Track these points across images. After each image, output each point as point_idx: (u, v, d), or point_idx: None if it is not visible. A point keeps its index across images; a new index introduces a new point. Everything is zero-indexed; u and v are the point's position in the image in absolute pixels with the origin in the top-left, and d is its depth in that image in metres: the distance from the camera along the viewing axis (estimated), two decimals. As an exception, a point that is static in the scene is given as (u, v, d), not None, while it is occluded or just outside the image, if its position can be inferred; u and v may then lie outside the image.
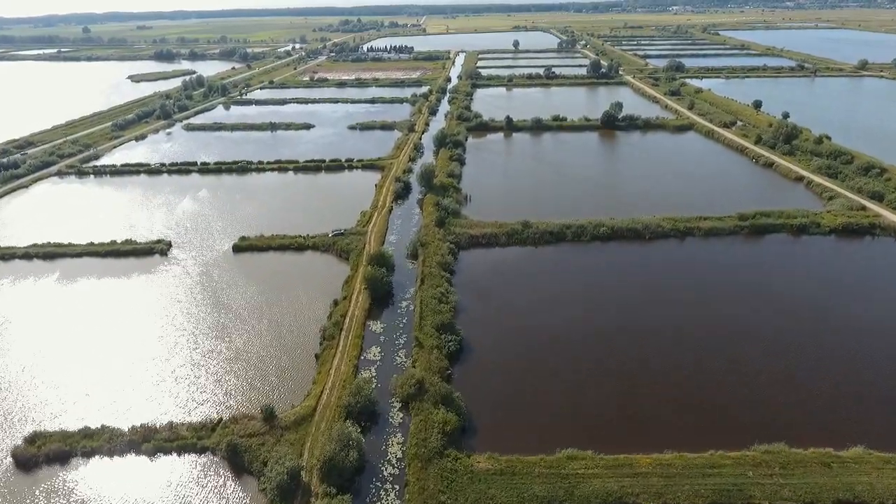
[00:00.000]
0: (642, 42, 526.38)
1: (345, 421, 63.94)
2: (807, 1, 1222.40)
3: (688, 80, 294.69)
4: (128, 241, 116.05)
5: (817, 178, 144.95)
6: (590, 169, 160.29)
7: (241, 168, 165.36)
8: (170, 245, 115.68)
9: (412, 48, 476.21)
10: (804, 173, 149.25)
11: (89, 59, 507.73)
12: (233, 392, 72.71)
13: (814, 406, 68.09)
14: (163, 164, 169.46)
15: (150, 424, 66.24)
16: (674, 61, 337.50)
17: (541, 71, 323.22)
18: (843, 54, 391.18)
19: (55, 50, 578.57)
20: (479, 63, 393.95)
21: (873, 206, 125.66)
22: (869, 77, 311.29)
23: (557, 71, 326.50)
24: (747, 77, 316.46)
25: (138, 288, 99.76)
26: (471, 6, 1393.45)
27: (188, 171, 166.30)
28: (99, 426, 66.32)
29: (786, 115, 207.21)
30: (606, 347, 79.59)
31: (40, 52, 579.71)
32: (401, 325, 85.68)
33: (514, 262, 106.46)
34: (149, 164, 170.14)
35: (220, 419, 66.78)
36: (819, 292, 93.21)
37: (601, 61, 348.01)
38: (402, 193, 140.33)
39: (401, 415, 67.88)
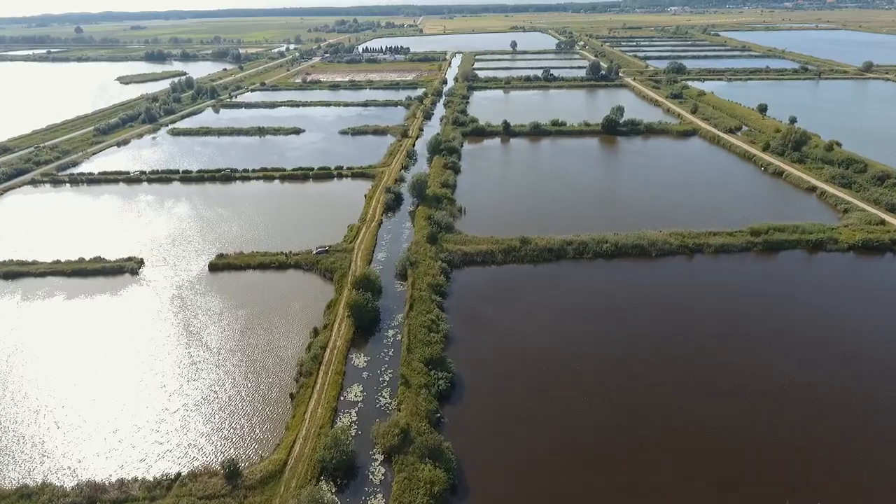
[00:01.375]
0: (641, 43, 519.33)
1: (318, 480, 56.21)
2: (805, 2, 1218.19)
3: (689, 83, 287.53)
4: (97, 259, 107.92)
5: (830, 189, 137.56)
6: (591, 177, 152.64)
7: (224, 177, 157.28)
8: (141, 263, 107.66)
9: (408, 49, 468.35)
10: (816, 183, 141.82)
11: (79, 59, 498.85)
12: (197, 441, 64.77)
13: (852, 462, 60.47)
14: (142, 173, 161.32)
15: (98, 482, 58.33)
16: (675, 63, 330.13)
17: (539, 73, 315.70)
18: (846, 56, 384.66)
19: (45, 50, 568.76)
20: (476, 64, 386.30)
21: (893, 221, 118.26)
22: (874, 80, 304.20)
23: (556, 73, 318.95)
24: (750, 79, 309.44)
25: (102, 314, 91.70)
26: (468, 6, 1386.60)
27: (169, 180, 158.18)
28: (39, 483, 58.43)
29: (793, 120, 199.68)
30: (616, 390, 71.61)
31: (30, 52, 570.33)
32: (386, 359, 77.83)
33: (511, 282, 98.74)
34: (128, 173, 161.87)
35: (179, 474, 58.91)
36: (843, 321, 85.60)
37: (600, 63, 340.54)
38: (393, 205, 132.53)
39: (383, 470, 60.03)
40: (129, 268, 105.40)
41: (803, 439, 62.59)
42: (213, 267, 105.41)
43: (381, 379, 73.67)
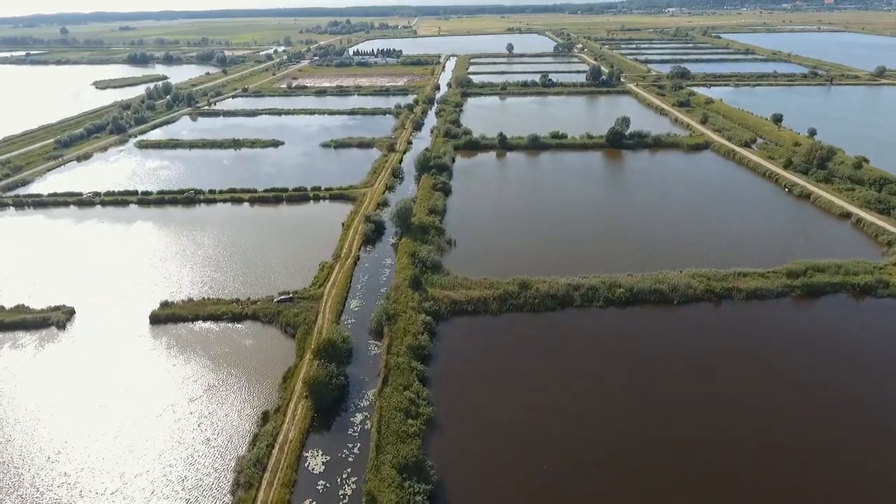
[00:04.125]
0: (641, 46, 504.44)
1: None
2: (803, 3, 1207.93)
3: (695, 89, 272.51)
4: (18, 308, 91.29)
5: (867, 215, 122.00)
6: (596, 202, 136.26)
7: (187, 199, 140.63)
8: (72, 313, 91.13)
9: (401, 52, 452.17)
10: (850, 208, 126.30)
11: (59, 62, 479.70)
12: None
13: None
14: (96, 194, 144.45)
15: None
16: (678, 67, 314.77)
17: (536, 78, 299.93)
18: (854, 60, 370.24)
19: (24, 53, 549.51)
20: (471, 68, 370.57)
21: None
22: (889, 86, 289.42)
23: (554, 78, 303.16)
24: (758, 85, 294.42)
25: (7, 389, 75.02)
26: (464, 7, 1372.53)
27: (126, 203, 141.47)
28: None
29: (812, 133, 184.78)
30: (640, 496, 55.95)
31: (8, 54, 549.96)
32: (350, 458, 61.48)
33: (508, 340, 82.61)
34: (81, 194, 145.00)
35: None
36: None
37: (601, 67, 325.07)
38: (373, 236, 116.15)
39: None
40: (56, 320, 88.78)
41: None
42: (156, 319, 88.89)
43: (341, 492, 57.25)
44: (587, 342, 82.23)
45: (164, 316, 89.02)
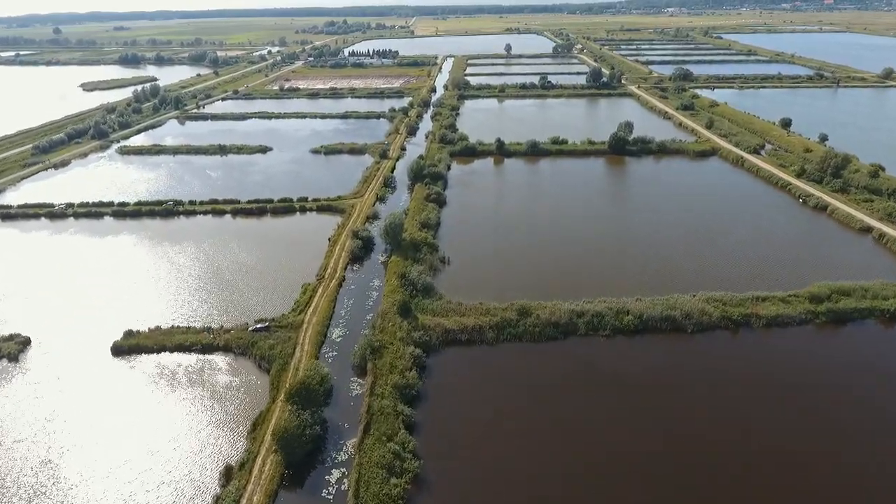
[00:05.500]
0: (642, 46, 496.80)
1: None
2: (803, 3, 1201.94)
3: (698, 91, 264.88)
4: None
5: (889, 230, 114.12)
6: (600, 215, 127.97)
7: (166, 211, 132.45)
8: (27, 343, 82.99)
9: (397, 52, 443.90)
10: (870, 221, 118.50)
11: (48, 63, 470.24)
12: None
13: None
14: (70, 205, 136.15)
15: None
16: (681, 69, 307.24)
17: (535, 79, 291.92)
18: (859, 61, 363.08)
19: (13, 53, 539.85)
20: (469, 69, 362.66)
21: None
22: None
23: (554, 79, 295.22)
24: (763, 87, 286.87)
25: (-54, 432, 67.11)
26: (462, 7, 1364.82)
27: (100, 215, 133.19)
28: None
29: (823, 138, 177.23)
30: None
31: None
32: (324, 527, 53.70)
33: (506, 375, 74.60)
34: (53, 205, 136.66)
35: None
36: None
37: (602, 69, 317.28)
38: (361, 253, 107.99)
39: None
40: (9, 351, 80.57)
41: None
42: (118, 350, 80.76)
43: (310, 573, 49.45)
44: (594, 377, 74.27)
45: (128, 347, 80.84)
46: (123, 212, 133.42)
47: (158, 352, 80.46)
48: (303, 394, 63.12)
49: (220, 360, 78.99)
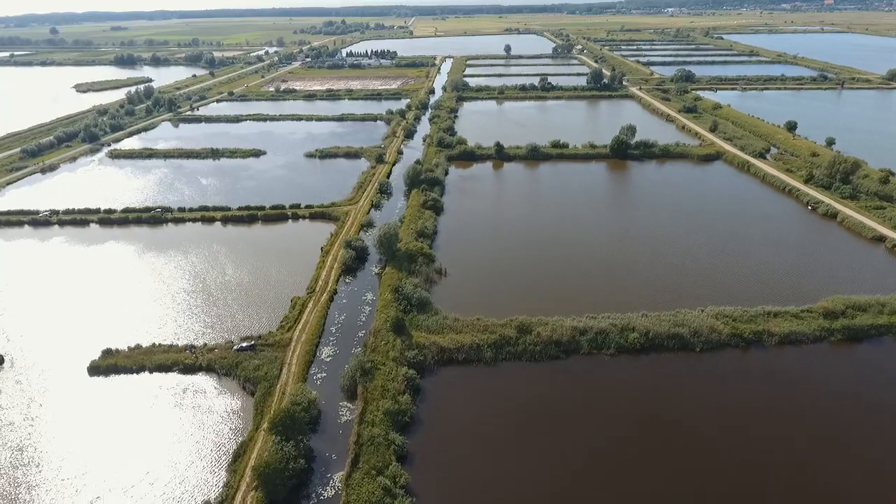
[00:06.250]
0: (642, 47, 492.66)
1: None
2: (802, 3, 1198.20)
3: (701, 93, 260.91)
4: (-62, 357, 78.98)
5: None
6: (602, 224, 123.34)
7: (153, 218, 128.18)
8: (0, 362, 78.76)
9: (395, 53, 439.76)
10: (883, 230, 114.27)
11: (43, 63, 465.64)
12: None
13: None
14: (54, 212, 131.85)
15: None
16: (683, 70, 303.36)
17: (535, 81, 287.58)
18: (863, 62, 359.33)
19: (9, 54, 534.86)
20: (468, 70, 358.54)
21: None
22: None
23: (554, 81, 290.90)
24: (766, 89, 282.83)
25: None
26: (461, 7, 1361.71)
27: (86, 222, 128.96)
28: None
29: (830, 142, 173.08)
30: None
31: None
32: (307, 574, 49.48)
33: (505, 398, 70.30)
34: (37, 212, 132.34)
35: None
36: None
37: (602, 70, 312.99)
38: (354, 264, 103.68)
39: None
40: (-20, 371, 76.50)
41: None
42: (95, 370, 76.52)
43: None
44: (598, 399, 70.06)
45: (106, 367, 76.60)
46: (110, 219, 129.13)
47: (138, 372, 76.24)
48: (287, 423, 58.85)
49: (202, 381, 74.68)
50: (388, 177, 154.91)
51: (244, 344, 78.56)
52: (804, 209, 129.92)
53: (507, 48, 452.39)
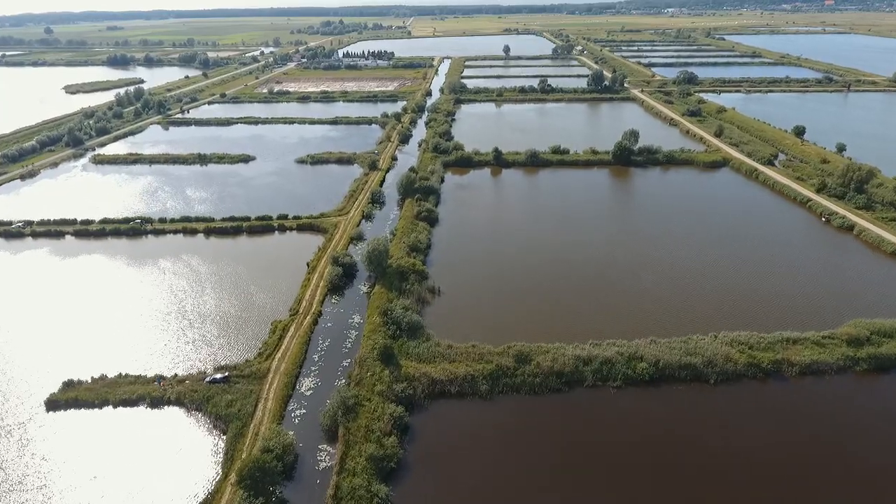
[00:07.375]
0: (643, 48, 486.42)
1: None
2: (803, 4, 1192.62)
3: (703, 95, 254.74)
4: None
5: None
6: (606, 239, 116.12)
7: (132, 230, 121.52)
8: (-49, 395, 72.29)
9: (392, 53, 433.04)
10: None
11: (34, 64, 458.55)
12: None
13: None
14: (28, 223, 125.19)
15: None
16: (685, 72, 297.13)
17: (535, 82, 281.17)
18: (868, 63, 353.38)
19: (0, 54, 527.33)
20: (466, 72, 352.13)
21: None
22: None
23: (554, 82, 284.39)
24: (770, 91, 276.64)
25: None
26: (460, 7, 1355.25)
27: (61, 234, 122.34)
28: None
29: (841, 148, 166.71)
30: None
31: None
32: None
33: (503, 437, 63.77)
34: (10, 223, 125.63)
35: None
36: None
37: (603, 72, 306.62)
38: (342, 282, 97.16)
39: None
40: (-73, 406, 69.90)
41: None
42: (54, 404, 69.97)
43: None
44: (604, 438, 63.69)
45: (66, 401, 70.08)
46: (87, 231, 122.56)
47: (101, 406, 69.71)
48: (256, 476, 52.36)
49: (170, 416, 68.17)
50: (381, 184, 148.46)
51: (218, 375, 72.02)
52: (818, 221, 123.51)
53: (507, 49, 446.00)
